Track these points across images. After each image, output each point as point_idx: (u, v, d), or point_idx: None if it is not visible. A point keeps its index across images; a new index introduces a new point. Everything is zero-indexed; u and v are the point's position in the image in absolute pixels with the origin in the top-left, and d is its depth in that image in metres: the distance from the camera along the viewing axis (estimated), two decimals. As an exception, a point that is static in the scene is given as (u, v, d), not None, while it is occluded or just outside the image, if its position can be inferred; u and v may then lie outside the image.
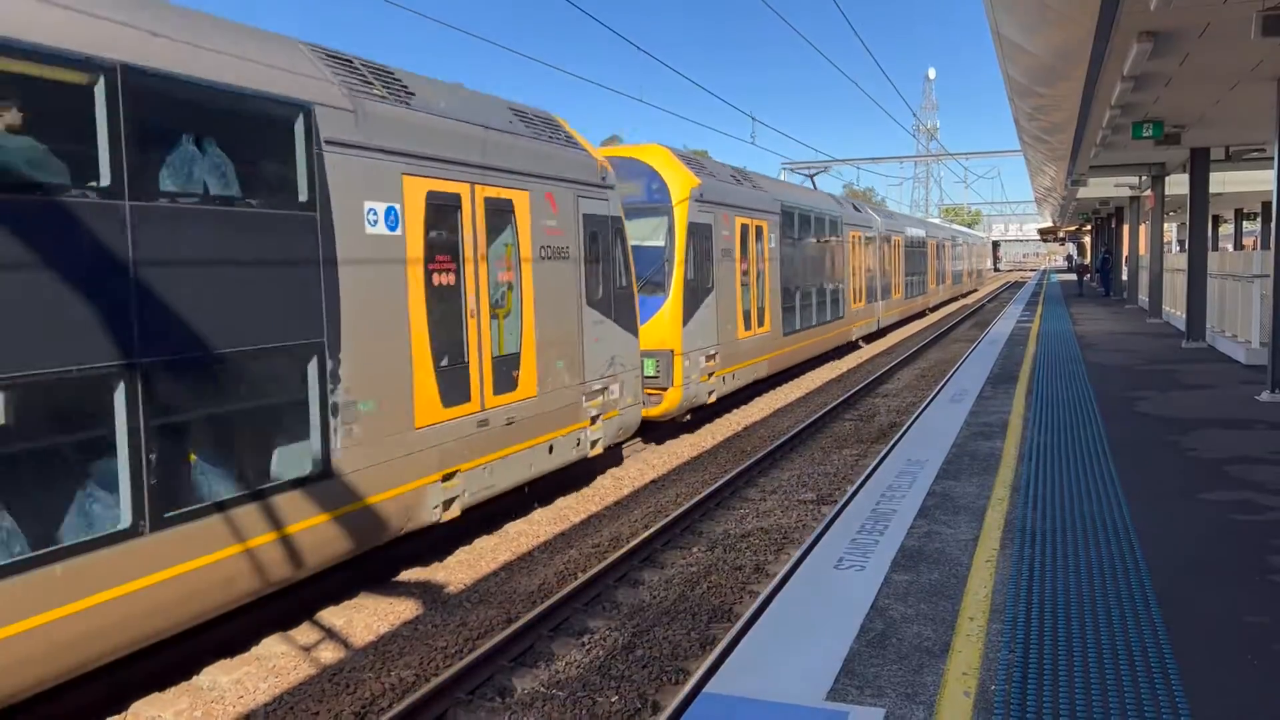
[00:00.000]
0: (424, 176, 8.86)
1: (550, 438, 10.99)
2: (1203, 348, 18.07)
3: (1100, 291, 40.65)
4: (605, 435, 12.32)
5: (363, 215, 8.10)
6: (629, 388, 12.98)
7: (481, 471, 9.69)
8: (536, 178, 10.64)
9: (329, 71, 8.05)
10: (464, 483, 9.38)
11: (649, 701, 6.57)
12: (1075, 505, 7.35)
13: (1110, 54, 10.18)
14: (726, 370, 17.05)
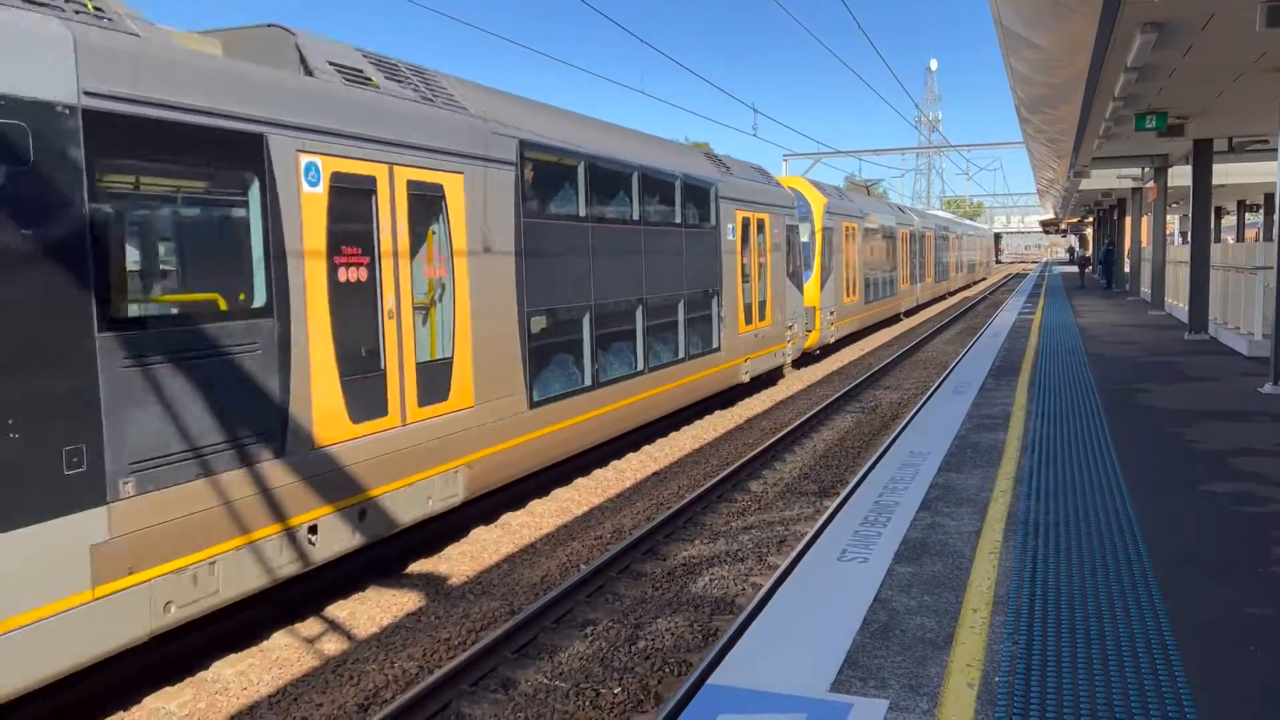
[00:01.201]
0: (737, 202, 17.57)
1: (780, 348, 20.24)
2: (1205, 340, 18.05)
3: (1102, 284, 40.61)
4: (791, 352, 21.31)
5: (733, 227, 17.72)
6: (800, 326, 22.03)
7: (758, 360, 18.73)
8: (770, 206, 19.43)
9: None
10: (751, 364, 18.39)
11: (652, 692, 6.59)
12: (1078, 497, 7.35)
13: (1113, 45, 10.15)
14: (839, 323, 26.04)
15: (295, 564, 7.47)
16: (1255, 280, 15.28)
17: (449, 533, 10.16)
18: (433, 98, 9.48)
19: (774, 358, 19.69)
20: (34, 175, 5.56)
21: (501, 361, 10.26)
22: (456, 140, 9.45)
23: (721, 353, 16.60)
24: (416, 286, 9.03)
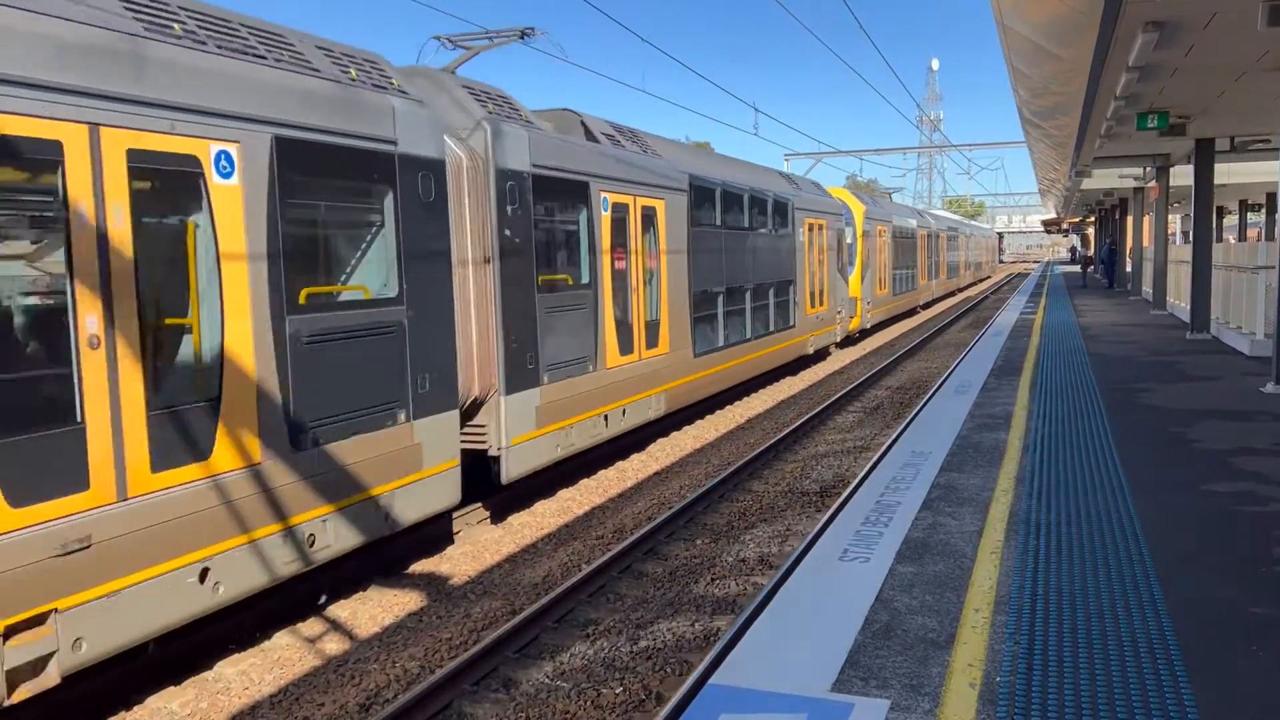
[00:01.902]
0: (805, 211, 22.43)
1: (831, 329, 24.98)
2: (1207, 339, 18.04)
3: (1104, 283, 40.59)
4: (839, 334, 26.03)
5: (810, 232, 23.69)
6: (845, 314, 26.70)
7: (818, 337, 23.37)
8: (826, 214, 24.38)
9: None
10: (814, 340, 22.72)
11: (653, 692, 6.58)
12: (1079, 497, 7.35)
13: (1115, 44, 10.14)
14: (874, 312, 30.76)
15: (604, 434, 12.73)
16: (1257, 280, 15.27)
17: (450, 533, 10.17)
18: (645, 151, 14.51)
19: (828, 336, 24.89)
20: (523, 207, 10.65)
21: (681, 324, 15.21)
22: (661, 178, 14.43)
23: (795, 329, 21.79)
24: (646, 272, 13.95)
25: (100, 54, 6.06)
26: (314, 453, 7.62)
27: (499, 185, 10.19)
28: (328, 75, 8.07)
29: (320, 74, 7.98)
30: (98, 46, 6.06)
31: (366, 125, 8.19)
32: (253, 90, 7.12)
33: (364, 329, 8.19)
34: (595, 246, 12.29)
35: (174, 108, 6.52)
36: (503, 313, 10.30)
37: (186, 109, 6.61)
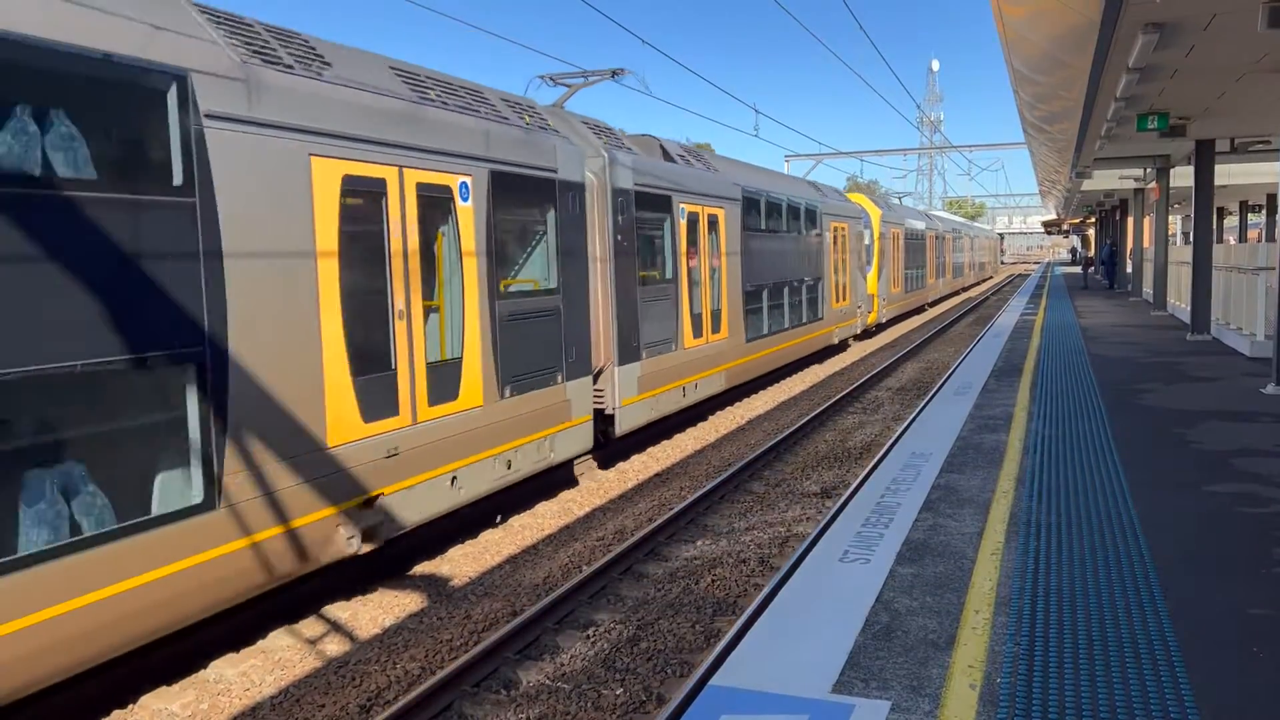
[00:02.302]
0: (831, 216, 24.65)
1: (853, 322, 27.40)
2: (1207, 340, 18.04)
3: (1104, 284, 40.60)
4: (859, 326, 28.27)
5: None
6: (864, 309, 29.05)
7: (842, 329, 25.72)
8: (848, 218, 26.53)
9: None
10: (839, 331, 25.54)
11: (654, 694, 6.59)
12: (1080, 498, 7.35)
13: (1115, 45, 10.14)
14: (889, 307, 33.22)
15: (683, 403, 15.34)
16: (1257, 281, 15.27)
17: (451, 534, 10.17)
18: (708, 167, 17.11)
19: (850, 329, 27.59)
20: (627, 217, 13.06)
21: (736, 314, 17.72)
22: (721, 190, 17.02)
23: (824, 321, 24.31)
24: (711, 269, 16.51)
25: (400, 117, 8.61)
26: (512, 400, 10.32)
27: (613, 201, 12.84)
28: (514, 122, 10.69)
29: (509, 121, 10.56)
30: (398, 112, 8.58)
31: (539, 159, 10.87)
32: (477, 137, 9.75)
33: (537, 312, 10.86)
34: (675, 248, 15.00)
35: (438, 153, 9.09)
36: (616, 301, 12.92)
37: (444, 153, 9.20)
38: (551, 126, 11.58)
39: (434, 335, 9.28)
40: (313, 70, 7.82)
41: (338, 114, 7.83)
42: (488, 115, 10.13)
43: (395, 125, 8.48)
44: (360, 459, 8.03)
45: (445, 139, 9.16)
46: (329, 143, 7.73)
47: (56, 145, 5.72)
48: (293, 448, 7.35)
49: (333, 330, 7.76)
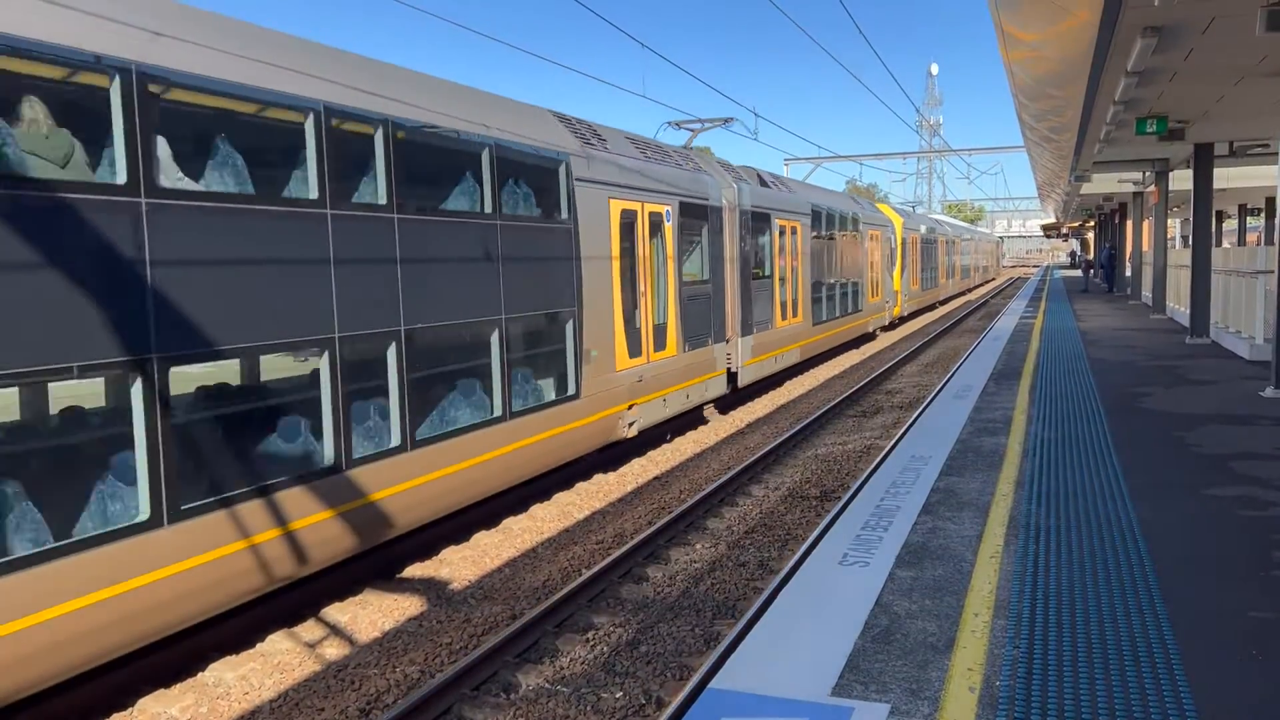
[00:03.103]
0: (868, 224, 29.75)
1: (882, 315, 31.76)
2: (1206, 344, 18.05)
3: (1104, 287, 40.62)
4: (887, 319, 32.28)
5: None
6: (890, 304, 33.12)
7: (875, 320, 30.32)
8: (878, 225, 31.11)
9: None
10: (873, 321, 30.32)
11: (654, 697, 6.58)
12: (1079, 501, 7.35)
13: (1114, 49, 10.16)
14: (910, 303, 38.23)
15: (774, 369, 19.55)
16: (1256, 284, 15.28)
17: (450, 536, 10.17)
18: (790, 190, 21.90)
19: (881, 320, 32.14)
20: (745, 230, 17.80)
21: (806, 304, 22.26)
22: (799, 207, 21.61)
23: (862, 312, 28.80)
24: (791, 269, 20.88)
25: (638, 172, 13.60)
26: (689, 354, 15.47)
27: (739, 219, 17.72)
28: (686, 167, 16.03)
29: (682, 165, 15.82)
30: (638, 168, 13.64)
31: (700, 192, 15.99)
32: (672, 180, 14.89)
33: (700, 296, 15.89)
34: (771, 252, 19.65)
35: (656, 192, 14.22)
36: (740, 291, 17.69)
37: (659, 192, 14.32)
38: (702, 167, 17.14)
39: (657, 307, 14.48)
40: (603, 147, 13.01)
41: (616, 172, 12.99)
42: (675, 164, 15.61)
43: (638, 177, 13.70)
44: (627, 380, 13.26)
45: (660, 183, 14.43)
46: (614, 189, 12.88)
47: (521, 199, 10.82)
48: (606, 366, 12.71)
49: (618, 300, 12.97)
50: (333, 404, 7.88)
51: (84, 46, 5.99)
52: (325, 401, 7.86)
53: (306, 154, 7.72)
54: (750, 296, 18.15)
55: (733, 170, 18.97)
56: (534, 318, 11.02)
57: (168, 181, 6.64)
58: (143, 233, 6.31)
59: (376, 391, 8.57)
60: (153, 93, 6.45)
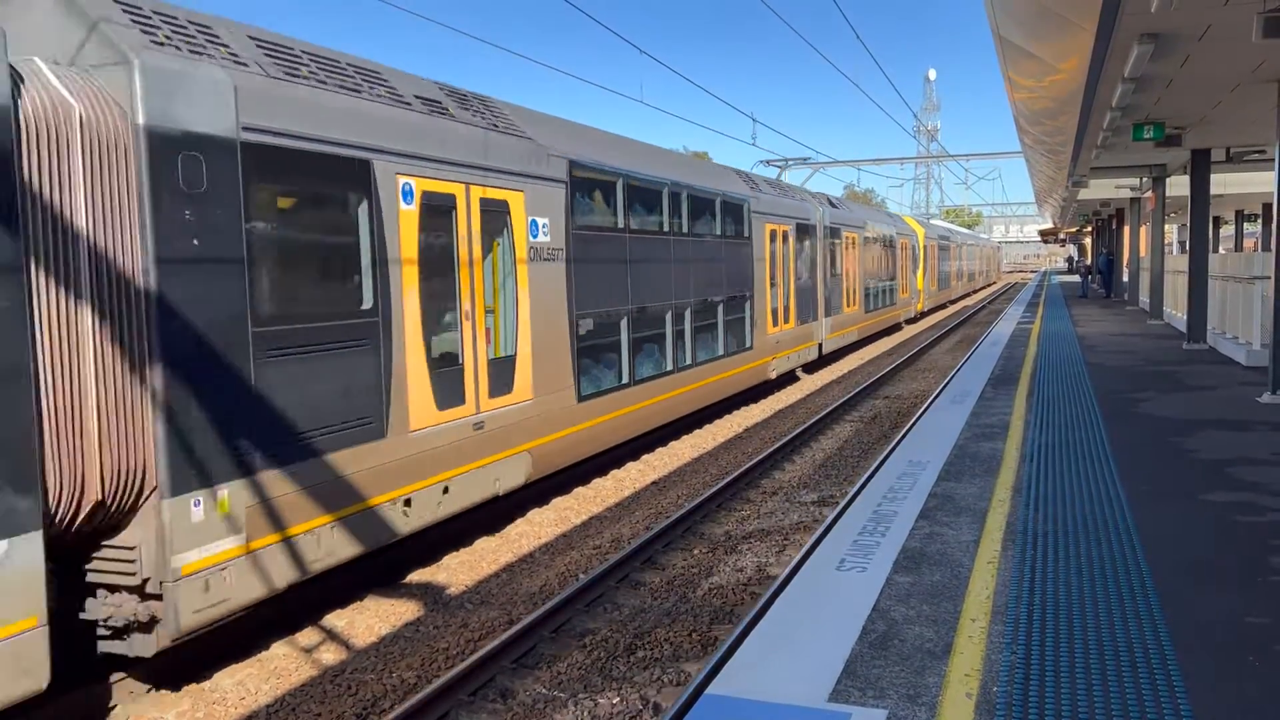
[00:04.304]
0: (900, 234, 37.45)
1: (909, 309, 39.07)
2: (1204, 349, 18.07)
3: (1101, 293, 40.70)
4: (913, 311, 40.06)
5: None
6: (915, 300, 40.35)
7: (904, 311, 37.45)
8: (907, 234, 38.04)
9: None
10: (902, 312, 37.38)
11: (650, 703, 6.57)
12: (1077, 506, 7.35)
13: (1111, 56, 10.18)
14: (929, 300, 44.80)
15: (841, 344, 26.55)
16: (1253, 290, 15.30)
17: (447, 541, 10.16)
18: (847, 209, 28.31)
19: (908, 313, 39.01)
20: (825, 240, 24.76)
21: (859, 296, 28.35)
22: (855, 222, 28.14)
23: (895, 306, 35.22)
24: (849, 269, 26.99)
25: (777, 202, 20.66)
26: (800, 327, 21.96)
27: (823, 233, 24.08)
28: (797, 197, 22.70)
29: (794, 197, 22.49)
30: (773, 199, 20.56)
31: (806, 214, 22.47)
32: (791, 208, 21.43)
33: (804, 288, 22.09)
34: (840, 257, 25.97)
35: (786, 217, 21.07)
36: (825, 285, 24.00)
37: (786, 216, 20.96)
38: (805, 197, 23.84)
39: (785, 294, 20.81)
40: (760, 189, 19.65)
41: (768, 205, 19.66)
42: (791, 197, 22.20)
43: (777, 206, 20.23)
44: (771, 342, 19.80)
45: (786, 211, 21.07)
46: (767, 217, 19.58)
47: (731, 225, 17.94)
48: (762, 331, 19.11)
49: (768, 288, 19.54)
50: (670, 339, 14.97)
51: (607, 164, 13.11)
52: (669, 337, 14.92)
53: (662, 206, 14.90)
54: (829, 289, 24.76)
55: (816, 196, 25.96)
56: (736, 298, 17.93)
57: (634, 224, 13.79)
58: (626, 248, 13.45)
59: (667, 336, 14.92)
60: (631, 186, 13.66)
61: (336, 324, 7.99)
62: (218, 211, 6.88)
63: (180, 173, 6.61)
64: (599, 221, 12.67)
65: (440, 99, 9.92)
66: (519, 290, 10.67)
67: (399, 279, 8.70)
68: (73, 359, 6.04)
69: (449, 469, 9.36)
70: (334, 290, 8.09)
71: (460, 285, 9.60)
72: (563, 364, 11.48)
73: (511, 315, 10.58)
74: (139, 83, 6.35)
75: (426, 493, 9.07)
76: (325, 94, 7.98)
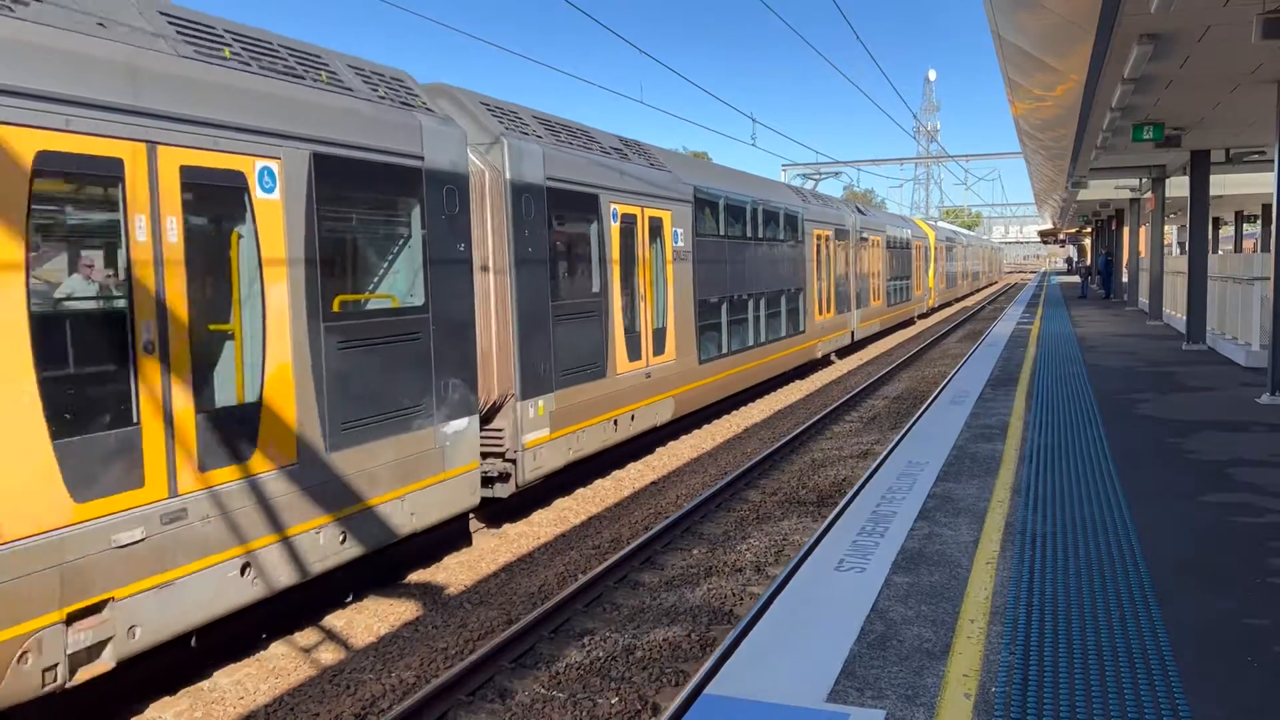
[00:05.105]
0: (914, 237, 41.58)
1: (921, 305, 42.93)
2: (1203, 350, 18.07)
3: (1100, 294, 40.72)
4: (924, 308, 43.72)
5: None
6: (926, 297, 44.06)
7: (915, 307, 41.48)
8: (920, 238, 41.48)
9: None
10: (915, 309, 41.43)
11: (649, 703, 6.57)
12: (1075, 507, 7.36)
13: (1110, 56, 10.19)
14: (938, 297, 48.30)
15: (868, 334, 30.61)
16: (1252, 291, 15.30)
17: (447, 542, 10.16)
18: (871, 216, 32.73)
19: (920, 309, 42.41)
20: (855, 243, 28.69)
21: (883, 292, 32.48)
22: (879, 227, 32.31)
23: (910, 302, 38.89)
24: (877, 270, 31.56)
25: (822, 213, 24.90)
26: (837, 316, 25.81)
27: (854, 237, 27.28)
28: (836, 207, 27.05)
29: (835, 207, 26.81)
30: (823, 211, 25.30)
31: (842, 221, 26.49)
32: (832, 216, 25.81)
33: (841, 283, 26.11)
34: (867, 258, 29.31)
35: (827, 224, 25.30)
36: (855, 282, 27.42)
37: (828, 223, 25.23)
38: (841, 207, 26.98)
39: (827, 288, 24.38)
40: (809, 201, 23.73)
41: (816, 214, 23.67)
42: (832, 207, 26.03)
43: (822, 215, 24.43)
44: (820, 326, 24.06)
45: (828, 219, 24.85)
46: (815, 224, 23.47)
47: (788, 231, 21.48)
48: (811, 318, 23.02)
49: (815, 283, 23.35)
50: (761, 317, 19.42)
51: None
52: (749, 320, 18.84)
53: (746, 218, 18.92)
54: (859, 285, 28.33)
55: (849, 204, 30.02)
56: (794, 290, 21.62)
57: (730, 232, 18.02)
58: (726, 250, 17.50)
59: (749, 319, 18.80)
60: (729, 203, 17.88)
61: (584, 300, 12.25)
62: (536, 230, 11.00)
63: (523, 206, 10.75)
64: (709, 230, 16.73)
65: (621, 148, 14.10)
66: (668, 281, 14.76)
67: (610, 272, 12.83)
68: (484, 321, 10.25)
69: (634, 403, 13.59)
70: (583, 279, 12.40)
71: (639, 276, 13.75)
72: (690, 335, 15.60)
73: (664, 299, 14.65)
74: (506, 154, 10.55)
75: (624, 417, 13.34)
76: (579, 153, 12.30)
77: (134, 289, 6.17)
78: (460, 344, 9.44)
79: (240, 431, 6.94)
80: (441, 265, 9.16)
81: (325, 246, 7.70)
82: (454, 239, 9.36)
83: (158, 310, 6.28)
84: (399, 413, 8.50)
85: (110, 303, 6.31)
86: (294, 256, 7.42)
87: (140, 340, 6.17)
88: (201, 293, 6.75)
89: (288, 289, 7.35)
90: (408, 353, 8.61)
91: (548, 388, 11.21)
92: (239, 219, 7.07)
